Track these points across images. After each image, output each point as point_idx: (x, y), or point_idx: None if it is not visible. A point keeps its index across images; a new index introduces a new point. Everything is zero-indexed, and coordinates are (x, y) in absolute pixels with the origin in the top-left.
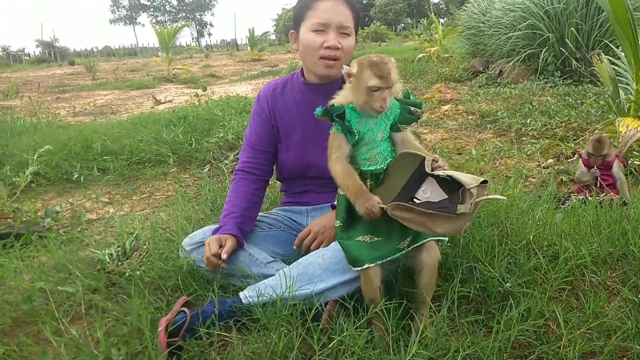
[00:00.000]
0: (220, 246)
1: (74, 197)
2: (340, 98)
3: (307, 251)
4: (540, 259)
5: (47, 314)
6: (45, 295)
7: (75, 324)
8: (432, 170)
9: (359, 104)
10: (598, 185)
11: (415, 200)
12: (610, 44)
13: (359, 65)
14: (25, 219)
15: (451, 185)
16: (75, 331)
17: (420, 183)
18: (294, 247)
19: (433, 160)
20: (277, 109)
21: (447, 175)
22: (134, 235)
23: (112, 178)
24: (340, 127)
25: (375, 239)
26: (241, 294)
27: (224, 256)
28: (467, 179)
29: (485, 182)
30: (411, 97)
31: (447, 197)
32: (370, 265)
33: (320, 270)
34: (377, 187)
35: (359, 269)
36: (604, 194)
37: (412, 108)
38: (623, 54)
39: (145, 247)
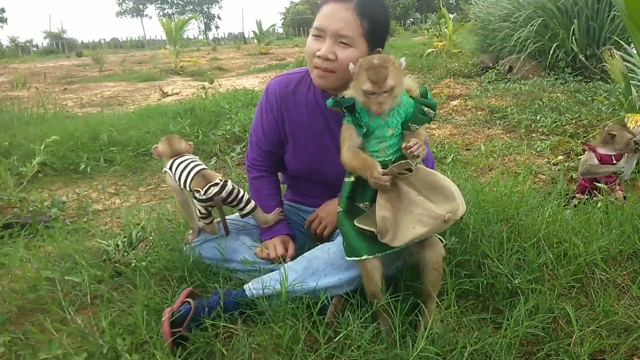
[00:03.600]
0: (285, 248)
1: (81, 187)
2: (351, 90)
3: (315, 235)
4: (549, 256)
5: (53, 303)
6: (51, 284)
7: (81, 314)
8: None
9: (359, 102)
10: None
11: None
12: (620, 41)
13: (359, 65)
14: (31, 209)
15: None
16: (80, 321)
17: None
18: (304, 227)
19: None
20: (286, 110)
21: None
22: (140, 226)
23: (119, 169)
24: (351, 119)
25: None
26: (245, 287)
27: (287, 260)
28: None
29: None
30: (429, 96)
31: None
32: (369, 257)
33: (324, 264)
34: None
35: (356, 259)
36: (613, 194)
37: (426, 109)
38: (635, 50)
39: (151, 238)
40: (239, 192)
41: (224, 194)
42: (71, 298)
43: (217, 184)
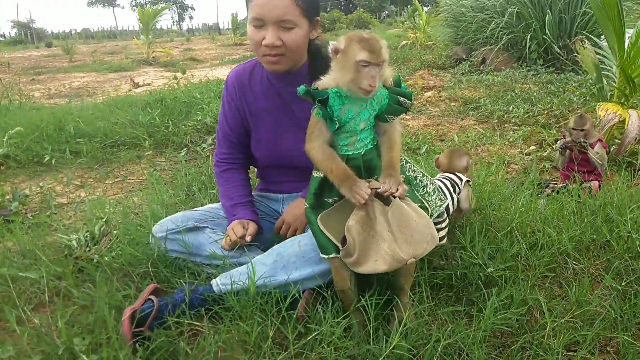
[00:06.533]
0: (244, 228)
1: (45, 180)
2: (326, 80)
3: (285, 239)
4: (523, 246)
5: (9, 302)
6: (7, 281)
7: (39, 312)
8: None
9: (345, 84)
10: (576, 164)
11: None
12: (590, 35)
13: (347, 39)
14: None
15: None
16: (37, 320)
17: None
18: (274, 234)
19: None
20: (245, 97)
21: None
22: (104, 219)
23: (85, 161)
24: (322, 113)
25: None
26: (213, 282)
27: (248, 239)
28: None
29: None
30: (402, 85)
31: None
32: (337, 255)
33: (295, 257)
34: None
35: (326, 257)
36: (586, 182)
37: (402, 99)
38: (605, 42)
39: (115, 232)
40: None
41: None
42: (28, 296)
43: None
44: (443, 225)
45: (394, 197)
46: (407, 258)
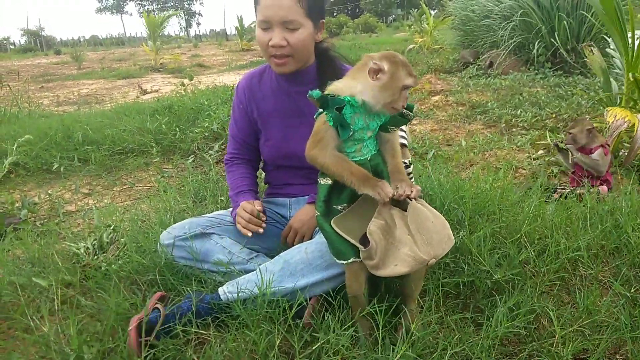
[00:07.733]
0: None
1: (54, 188)
2: (339, 86)
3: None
4: (531, 253)
5: (18, 310)
6: (16, 290)
7: (48, 321)
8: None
9: (382, 102)
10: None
11: None
12: (604, 36)
13: (391, 63)
14: (0, 211)
15: None
16: (46, 328)
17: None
18: (281, 244)
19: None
20: (254, 99)
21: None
22: (112, 227)
23: (93, 168)
24: (333, 120)
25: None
26: (220, 290)
27: (259, 208)
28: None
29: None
30: None
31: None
32: (356, 260)
33: (302, 264)
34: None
35: (344, 262)
36: (595, 187)
37: (404, 111)
38: (613, 45)
39: (123, 240)
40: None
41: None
42: (37, 304)
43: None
44: None
45: (410, 199)
46: (428, 259)
